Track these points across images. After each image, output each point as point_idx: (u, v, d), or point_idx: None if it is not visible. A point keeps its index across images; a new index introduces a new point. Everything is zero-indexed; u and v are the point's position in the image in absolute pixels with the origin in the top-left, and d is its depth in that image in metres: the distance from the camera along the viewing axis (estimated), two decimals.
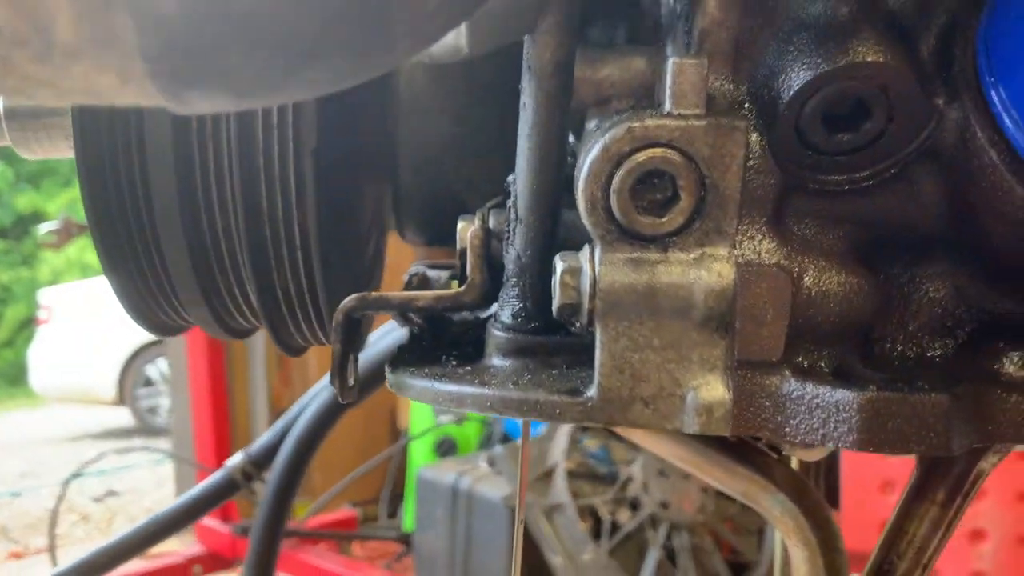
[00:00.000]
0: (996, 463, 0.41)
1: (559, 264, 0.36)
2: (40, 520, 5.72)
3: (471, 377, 0.38)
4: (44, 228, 3.24)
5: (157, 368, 8.03)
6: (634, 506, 2.70)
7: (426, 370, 0.41)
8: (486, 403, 0.36)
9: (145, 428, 8.11)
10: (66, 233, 3.09)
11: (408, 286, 0.50)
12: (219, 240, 0.53)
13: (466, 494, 3.10)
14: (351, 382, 0.46)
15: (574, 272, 0.35)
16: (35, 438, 8.75)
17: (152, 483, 6.41)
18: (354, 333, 0.45)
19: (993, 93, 0.29)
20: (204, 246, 0.53)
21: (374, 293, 0.44)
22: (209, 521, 3.40)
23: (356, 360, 0.48)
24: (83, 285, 8.65)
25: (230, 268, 0.55)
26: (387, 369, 0.43)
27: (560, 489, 2.66)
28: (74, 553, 3.89)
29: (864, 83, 0.30)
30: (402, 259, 0.74)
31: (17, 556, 4.91)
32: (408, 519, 3.66)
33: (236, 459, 0.96)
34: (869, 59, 0.29)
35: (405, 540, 3.62)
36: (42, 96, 0.29)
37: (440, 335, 0.48)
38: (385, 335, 0.91)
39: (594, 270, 0.34)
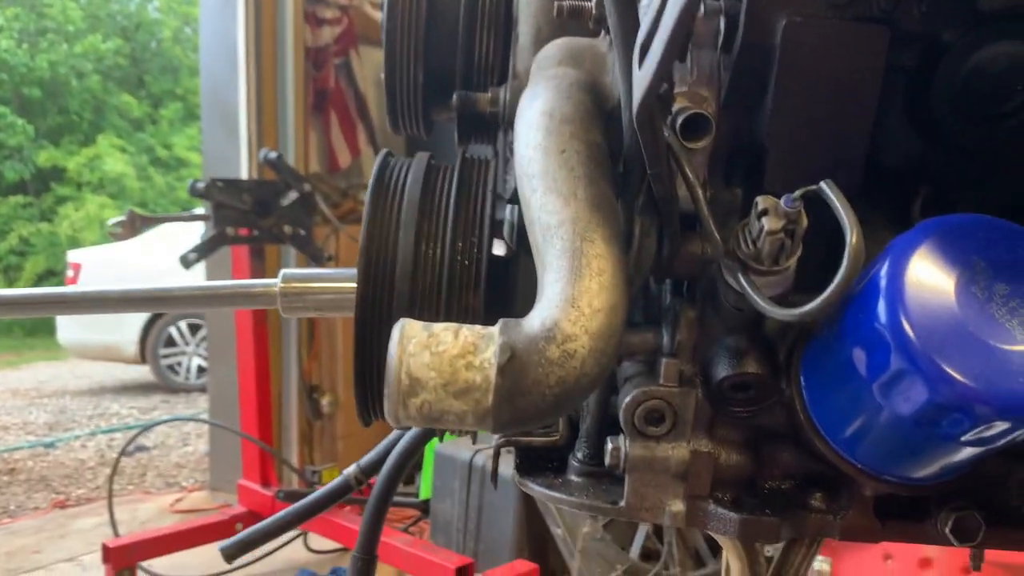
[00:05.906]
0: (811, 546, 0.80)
1: (609, 443, 0.72)
2: (75, 471, 6.13)
3: (564, 489, 0.75)
4: (112, 221, 3.40)
5: (178, 329, 8.42)
6: None
7: (536, 478, 0.78)
8: (572, 504, 0.74)
9: (165, 385, 8.53)
10: (131, 226, 3.30)
11: None
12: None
13: (480, 469, 3.51)
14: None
15: (616, 450, 0.72)
16: (59, 390, 9.17)
17: (177, 439, 6.81)
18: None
19: (804, 390, 0.66)
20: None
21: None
22: (251, 484, 3.81)
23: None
24: (110, 249, 8.97)
25: None
26: (515, 474, 0.81)
27: None
28: (116, 504, 4.27)
29: (750, 379, 0.67)
30: None
31: (62, 506, 5.30)
32: (424, 488, 4.04)
33: (351, 469, 1.35)
34: (751, 370, 0.67)
35: (422, 507, 4.04)
36: None
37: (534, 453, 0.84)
38: None
39: (625, 449, 0.71)
